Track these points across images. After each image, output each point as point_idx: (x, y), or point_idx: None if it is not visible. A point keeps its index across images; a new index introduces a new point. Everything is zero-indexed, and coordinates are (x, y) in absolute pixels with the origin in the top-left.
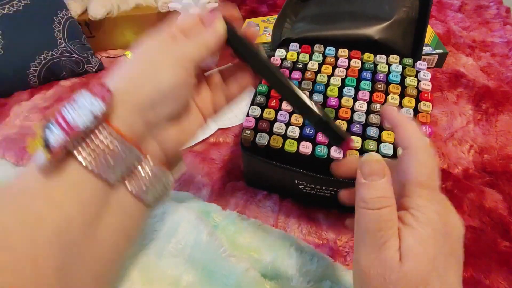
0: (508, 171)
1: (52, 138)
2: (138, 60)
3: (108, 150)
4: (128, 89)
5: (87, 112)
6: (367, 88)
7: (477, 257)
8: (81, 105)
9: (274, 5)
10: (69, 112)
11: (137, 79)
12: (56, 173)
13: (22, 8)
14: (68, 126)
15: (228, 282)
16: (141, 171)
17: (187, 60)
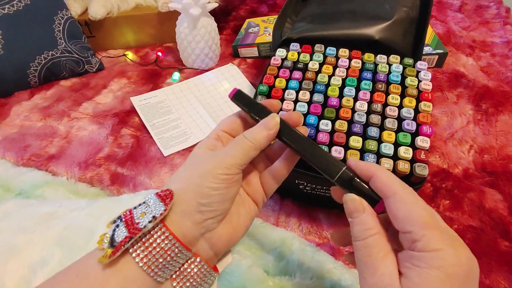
0: (508, 171)
1: (117, 236)
2: (187, 168)
3: (161, 250)
4: (177, 194)
5: (150, 215)
6: (368, 88)
7: (477, 257)
8: (147, 209)
9: (274, 5)
10: (137, 213)
11: (187, 186)
12: (113, 266)
13: (22, 8)
14: (132, 226)
15: (232, 279)
16: (190, 271)
17: (232, 165)
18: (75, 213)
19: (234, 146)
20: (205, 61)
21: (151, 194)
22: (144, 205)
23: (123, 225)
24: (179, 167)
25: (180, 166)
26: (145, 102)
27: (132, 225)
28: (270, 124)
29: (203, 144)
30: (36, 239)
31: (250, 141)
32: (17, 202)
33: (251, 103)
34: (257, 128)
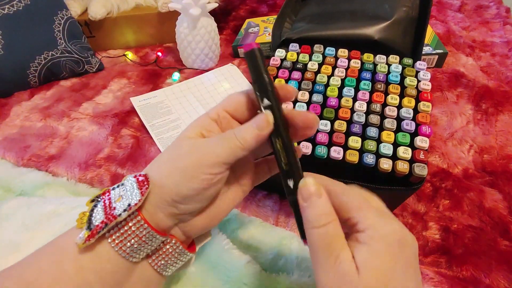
0: (508, 171)
1: (94, 219)
2: (170, 156)
3: (136, 237)
4: (155, 184)
5: (126, 201)
6: (367, 88)
7: (477, 256)
8: (125, 192)
9: (274, 5)
10: (115, 196)
11: (165, 179)
12: (88, 246)
13: (22, 8)
14: (109, 210)
15: (230, 274)
16: (165, 250)
17: (215, 164)
18: (77, 210)
19: (221, 143)
20: (205, 61)
21: (130, 177)
22: (122, 188)
23: (101, 206)
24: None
25: (168, 146)
26: (145, 102)
27: (108, 208)
28: (262, 124)
29: (196, 125)
30: (38, 236)
31: (239, 141)
32: (20, 201)
33: (260, 74)
34: (249, 126)
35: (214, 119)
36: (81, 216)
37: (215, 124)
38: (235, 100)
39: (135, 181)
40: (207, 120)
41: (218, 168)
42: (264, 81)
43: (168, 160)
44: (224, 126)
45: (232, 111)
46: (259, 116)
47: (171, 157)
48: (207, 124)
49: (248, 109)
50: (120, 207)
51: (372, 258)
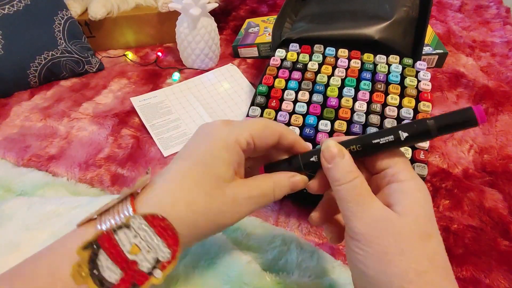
0: (508, 171)
1: (108, 276)
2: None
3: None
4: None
5: (153, 256)
6: (367, 88)
7: (477, 256)
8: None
9: (274, 5)
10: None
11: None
12: None
13: (22, 8)
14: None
15: (230, 273)
16: None
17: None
18: (77, 210)
19: (258, 200)
20: (205, 61)
21: (138, 219)
22: (131, 233)
23: (106, 258)
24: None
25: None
26: (145, 102)
27: (124, 263)
28: (299, 186)
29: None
30: (38, 236)
31: (274, 199)
32: (20, 201)
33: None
34: (286, 187)
35: (243, 149)
36: (76, 269)
37: (243, 154)
38: (266, 136)
39: (151, 228)
40: (239, 153)
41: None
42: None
43: (208, 213)
44: (247, 155)
45: (257, 146)
46: (298, 178)
47: (212, 210)
48: (238, 158)
49: (272, 147)
50: (145, 262)
51: (414, 206)
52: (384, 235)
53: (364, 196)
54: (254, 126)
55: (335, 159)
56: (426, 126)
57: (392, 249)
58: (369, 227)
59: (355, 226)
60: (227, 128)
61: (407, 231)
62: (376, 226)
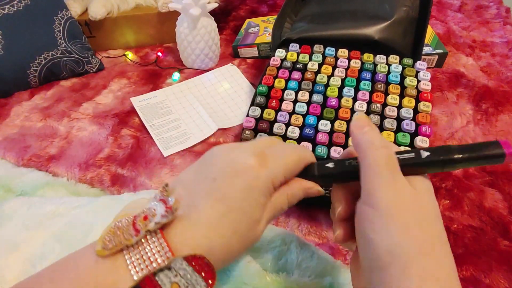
0: (508, 171)
1: None
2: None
3: None
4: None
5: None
6: (367, 89)
7: (477, 256)
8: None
9: (274, 5)
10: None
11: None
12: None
13: (22, 8)
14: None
15: (230, 274)
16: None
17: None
18: (77, 210)
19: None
20: (205, 61)
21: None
22: (172, 273)
23: None
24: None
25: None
26: (145, 102)
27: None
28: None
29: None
30: (38, 236)
31: (287, 207)
32: (21, 201)
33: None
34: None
35: (275, 187)
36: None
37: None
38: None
39: (191, 267)
40: (272, 194)
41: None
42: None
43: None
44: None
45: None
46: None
47: (242, 248)
48: (269, 197)
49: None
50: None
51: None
52: (409, 209)
53: (395, 167)
54: (289, 164)
55: (367, 127)
56: (449, 149)
57: (413, 223)
58: (395, 199)
59: (381, 196)
60: (264, 172)
61: (428, 209)
62: (402, 199)
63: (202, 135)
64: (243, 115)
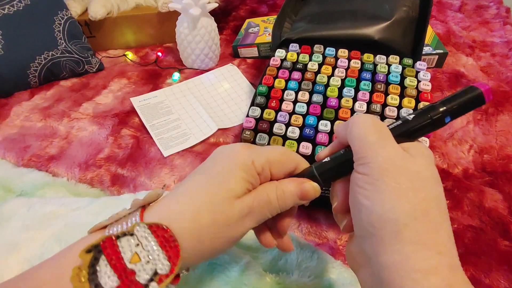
0: (508, 171)
1: (104, 283)
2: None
3: None
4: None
5: (152, 268)
6: (367, 89)
7: (477, 256)
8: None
9: (274, 5)
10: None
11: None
12: None
13: (22, 8)
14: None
15: (230, 274)
16: None
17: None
18: (77, 211)
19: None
20: (205, 61)
21: (143, 227)
22: (134, 241)
23: (106, 264)
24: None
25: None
26: (145, 102)
27: (123, 271)
28: (309, 195)
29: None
30: (37, 237)
31: (279, 208)
32: (20, 201)
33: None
34: (292, 194)
35: (258, 172)
36: (76, 272)
37: (258, 177)
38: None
39: (154, 239)
40: (254, 174)
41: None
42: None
43: (212, 225)
44: (262, 180)
45: (273, 174)
46: (307, 185)
47: (217, 222)
48: (254, 180)
49: (288, 174)
50: (144, 273)
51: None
52: (401, 172)
53: (384, 132)
54: (272, 153)
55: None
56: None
57: (405, 186)
58: (386, 163)
59: (372, 161)
60: (247, 151)
61: (424, 173)
62: (394, 163)
63: (202, 135)
64: (243, 115)
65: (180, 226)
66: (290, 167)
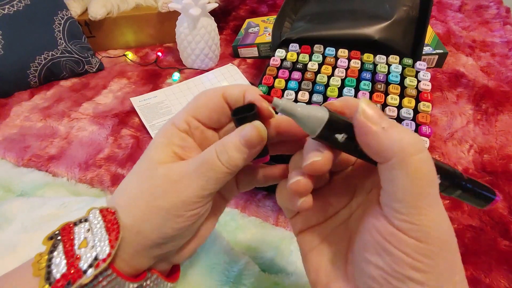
0: (508, 171)
1: (55, 269)
2: (142, 191)
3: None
4: (132, 229)
5: (92, 251)
6: (367, 89)
7: (477, 256)
8: (90, 236)
9: (274, 5)
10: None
11: (142, 222)
12: None
13: (22, 8)
14: (72, 259)
15: (229, 274)
16: (145, 285)
17: (201, 198)
18: (76, 212)
19: (203, 171)
20: (205, 61)
21: (95, 212)
22: (87, 226)
23: (61, 250)
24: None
25: (134, 170)
26: (145, 102)
27: (71, 257)
28: (252, 140)
29: (166, 143)
30: (36, 238)
31: (225, 166)
32: (20, 202)
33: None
34: (235, 144)
35: (184, 130)
36: (38, 259)
37: (186, 136)
38: (205, 106)
39: (102, 223)
40: (177, 134)
41: (204, 200)
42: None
43: (140, 196)
44: (198, 137)
45: (204, 120)
46: (246, 128)
47: (144, 192)
48: (178, 140)
49: (224, 113)
50: (86, 259)
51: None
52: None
53: (436, 183)
54: (190, 103)
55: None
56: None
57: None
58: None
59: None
60: (171, 119)
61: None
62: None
63: None
64: None
65: (118, 205)
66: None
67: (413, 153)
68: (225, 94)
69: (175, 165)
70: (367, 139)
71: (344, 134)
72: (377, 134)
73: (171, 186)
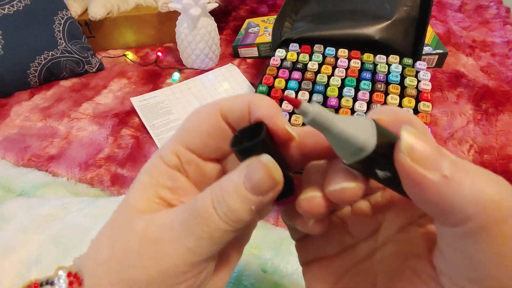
0: (508, 171)
1: None
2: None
3: None
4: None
5: None
6: (367, 88)
7: None
8: None
9: (274, 5)
10: None
11: None
12: None
13: (22, 8)
14: None
15: None
16: None
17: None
18: (75, 213)
19: (191, 227)
20: (205, 61)
21: (62, 276)
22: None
23: None
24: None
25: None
26: (145, 102)
27: None
28: (262, 184)
29: (148, 183)
30: (35, 238)
31: (223, 221)
32: (20, 202)
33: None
34: (237, 189)
35: (174, 166)
36: None
37: (177, 173)
38: (198, 131)
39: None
40: (164, 171)
41: (198, 268)
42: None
43: (110, 263)
44: (194, 173)
45: (199, 150)
46: (251, 167)
47: (115, 257)
48: (165, 179)
49: (225, 137)
50: None
51: None
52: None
53: None
54: (180, 128)
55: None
56: None
57: None
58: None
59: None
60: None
61: None
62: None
63: None
64: None
65: (87, 270)
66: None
67: (505, 217)
68: (224, 110)
69: (157, 216)
70: (421, 193)
71: (387, 173)
72: (436, 187)
73: (149, 249)
